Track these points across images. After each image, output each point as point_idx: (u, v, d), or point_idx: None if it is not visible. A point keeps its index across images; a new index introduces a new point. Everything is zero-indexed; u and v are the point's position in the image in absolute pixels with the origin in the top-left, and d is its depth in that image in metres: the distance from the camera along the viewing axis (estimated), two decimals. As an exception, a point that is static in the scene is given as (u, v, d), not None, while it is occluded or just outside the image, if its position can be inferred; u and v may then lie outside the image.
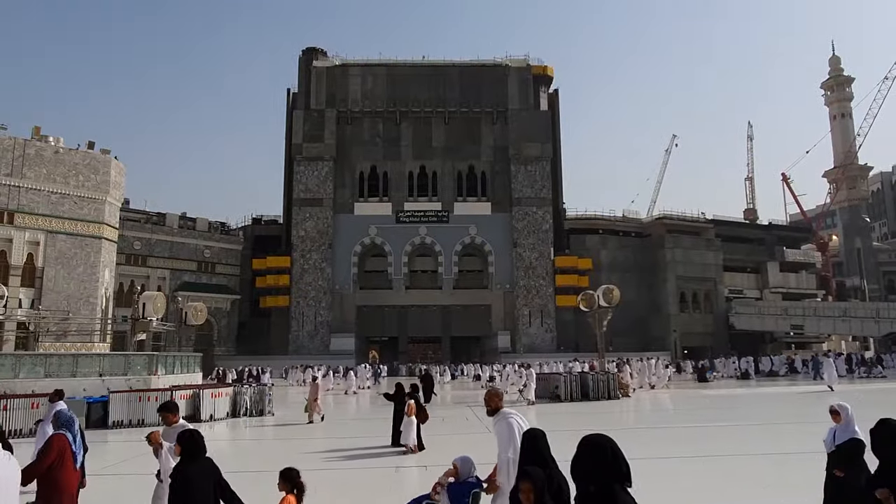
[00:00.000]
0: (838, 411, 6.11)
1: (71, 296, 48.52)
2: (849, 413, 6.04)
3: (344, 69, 73.51)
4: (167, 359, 24.24)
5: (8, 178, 46.54)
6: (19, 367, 20.55)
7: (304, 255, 68.85)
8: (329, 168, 70.49)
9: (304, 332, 67.85)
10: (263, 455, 15.06)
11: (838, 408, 6.13)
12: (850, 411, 6.05)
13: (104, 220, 51.58)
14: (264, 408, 22.81)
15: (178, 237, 66.05)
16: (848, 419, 5.99)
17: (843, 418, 6.01)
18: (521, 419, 5.49)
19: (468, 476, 5.73)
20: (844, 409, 6.07)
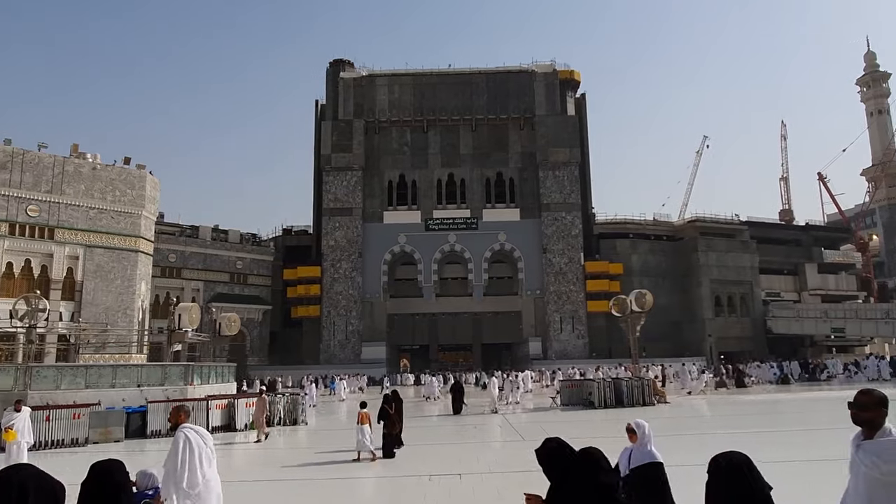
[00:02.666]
0: (634, 430, 5.41)
1: (109, 308, 49.62)
2: (646, 432, 5.38)
3: (371, 79, 74.16)
4: (202, 369, 24.57)
5: (48, 195, 47.90)
6: (61, 379, 21.01)
7: (335, 265, 69.39)
8: (358, 178, 71.05)
9: (335, 342, 68.28)
10: (279, 462, 15.11)
11: (634, 426, 5.44)
12: (646, 429, 5.38)
13: (140, 234, 52.71)
14: (297, 417, 22.94)
15: (211, 249, 67.16)
16: (643, 438, 5.32)
17: (639, 438, 5.33)
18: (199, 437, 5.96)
19: (146, 488, 5.83)
20: (641, 427, 5.39)
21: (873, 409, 3.63)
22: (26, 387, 19.43)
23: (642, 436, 5.25)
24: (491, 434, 19.62)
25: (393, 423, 14.65)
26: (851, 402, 3.73)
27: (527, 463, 12.57)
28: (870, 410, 3.64)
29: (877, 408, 3.62)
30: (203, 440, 6.02)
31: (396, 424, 14.74)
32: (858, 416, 3.69)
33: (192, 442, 5.92)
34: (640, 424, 5.37)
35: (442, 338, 73.46)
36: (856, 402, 3.72)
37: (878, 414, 3.62)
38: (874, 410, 3.63)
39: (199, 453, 5.88)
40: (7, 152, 46.56)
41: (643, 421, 5.42)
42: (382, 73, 74.71)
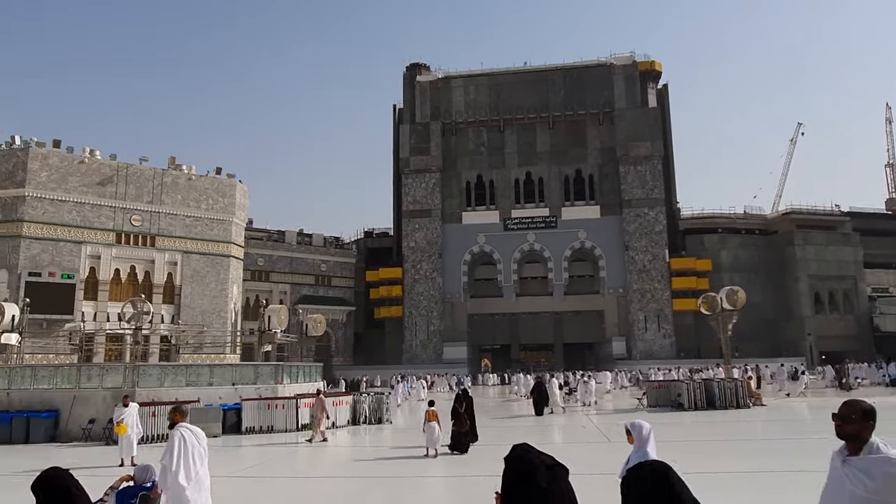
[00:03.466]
0: (630, 431, 5.12)
1: (205, 311, 52.40)
2: (643, 433, 5.05)
3: (447, 82, 74.72)
4: (291, 369, 25.47)
5: (149, 206, 51.16)
6: (164, 377, 22.36)
7: (415, 266, 70.35)
8: (436, 179, 71.73)
9: (417, 342, 69.21)
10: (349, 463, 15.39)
11: (630, 427, 5.15)
12: (645, 431, 5.08)
13: (231, 240, 55.36)
14: (382, 416, 23.40)
15: (297, 253, 69.61)
16: (642, 440, 5.00)
17: (636, 439, 5.02)
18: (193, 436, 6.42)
19: (144, 482, 6.18)
20: (638, 428, 5.10)
21: (858, 421, 3.41)
22: (134, 384, 20.79)
23: (638, 437, 5.01)
24: (574, 435, 19.32)
25: (461, 421, 14.95)
26: (835, 414, 3.49)
27: (610, 465, 12.31)
28: (854, 423, 3.42)
29: (861, 420, 3.40)
30: (197, 439, 6.42)
31: (465, 422, 14.99)
32: (842, 428, 3.46)
33: (187, 440, 6.32)
34: (636, 425, 5.13)
35: (523, 337, 73.02)
36: (839, 414, 3.49)
37: (863, 427, 3.39)
38: (858, 423, 3.41)
39: (192, 451, 6.28)
40: (112, 167, 50.07)
41: (642, 422, 5.17)
42: (458, 75, 75.11)
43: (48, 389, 21.28)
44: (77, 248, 47.72)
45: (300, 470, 15.03)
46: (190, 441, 6.34)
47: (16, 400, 20.71)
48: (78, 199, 48.09)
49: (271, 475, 13.65)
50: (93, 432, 19.40)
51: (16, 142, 47.44)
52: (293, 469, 14.97)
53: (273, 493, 11.94)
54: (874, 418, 3.41)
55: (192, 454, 6.29)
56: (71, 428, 19.77)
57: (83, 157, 48.99)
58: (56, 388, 21.26)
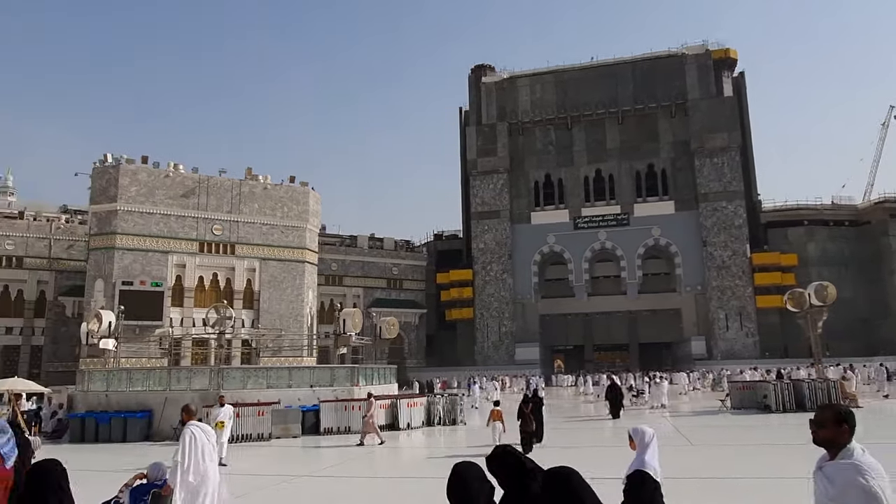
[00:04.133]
0: (632, 437, 4.96)
1: (282, 315, 54.16)
2: (645, 439, 4.85)
3: (512, 81, 74.37)
4: (366, 371, 25.98)
5: (229, 215, 53.39)
6: (247, 380, 23.27)
7: (485, 267, 70.32)
8: (504, 180, 71.50)
9: (489, 343, 69.14)
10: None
11: (632, 432, 4.98)
12: (647, 437, 4.86)
13: (306, 246, 57.01)
14: (456, 417, 23.49)
15: (369, 257, 70.91)
16: (642, 446, 4.82)
17: (637, 445, 4.87)
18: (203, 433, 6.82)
19: (156, 479, 6.39)
20: (640, 433, 4.91)
21: (831, 426, 3.33)
22: (219, 386, 21.72)
23: (640, 443, 4.88)
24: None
25: (526, 422, 15.36)
26: (811, 419, 3.42)
27: (694, 469, 11.86)
28: (827, 428, 3.34)
29: (835, 425, 3.31)
30: (206, 436, 6.77)
31: (530, 423, 15.39)
32: (817, 434, 3.39)
33: (197, 438, 6.67)
34: (637, 431, 4.99)
35: (597, 337, 71.70)
36: (814, 420, 3.41)
37: (838, 432, 3.31)
38: (832, 428, 3.33)
39: (202, 447, 6.64)
40: (195, 179, 52.59)
41: (645, 428, 5.02)
42: (524, 74, 74.62)
43: (142, 391, 22.55)
44: (164, 258, 50.36)
45: (377, 470, 15.29)
46: (200, 438, 6.70)
47: (114, 401, 22.06)
48: (164, 211, 50.74)
49: (349, 475, 13.94)
50: (181, 432, 20.38)
51: (108, 160, 50.55)
52: (371, 469, 15.25)
53: (351, 492, 12.19)
54: (850, 422, 3.32)
55: (203, 450, 6.65)
56: (163, 427, 20.85)
57: (168, 171, 51.67)
58: (149, 390, 22.50)
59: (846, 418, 3.34)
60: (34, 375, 45.83)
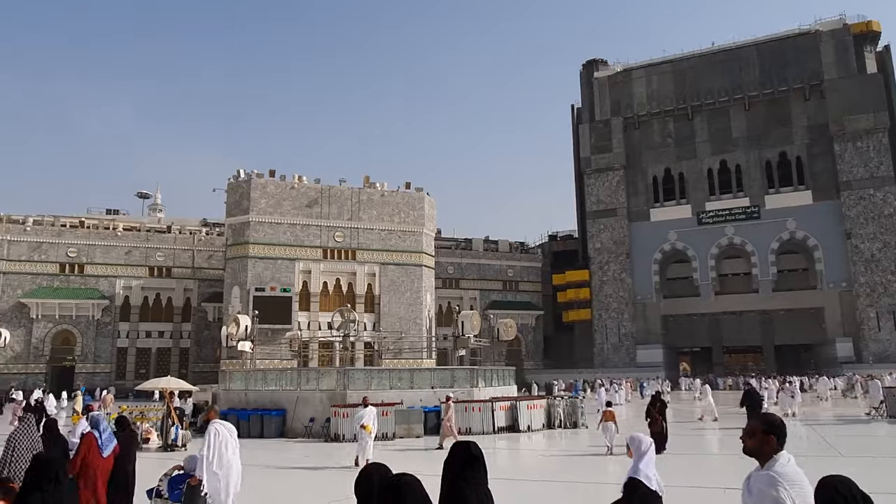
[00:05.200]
0: (629, 445, 5.06)
1: (402, 318, 55.68)
2: (641, 448, 4.92)
3: (626, 74, 71.97)
4: (485, 372, 26.09)
5: (349, 222, 55.74)
6: (370, 381, 24.11)
7: (602, 267, 68.49)
8: (620, 177, 69.34)
9: (608, 345, 67.23)
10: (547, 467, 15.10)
11: (629, 441, 5.09)
12: (644, 446, 4.95)
13: (423, 250, 58.30)
14: (577, 420, 23.02)
15: (484, 259, 71.27)
16: (638, 454, 4.89)
17: (633, 453, 4.95)
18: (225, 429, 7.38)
19: (192, 470, 7.33)
20: (636, 441, 5.00)
21: (759, 436, 3.36)
22: (345, 387, 22.68)
23: (636, 451, 4.95)
24: (795, 446, 17.35)
25: (655, 422, 15.66)
26: (743, 429, 3.46)
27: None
28: (755, 438, 3.38)
29: (762, 435, 3.34)
30: (228, 432, 7.40)
31: (659, 422, 15.68)
32: (745, 444, 3.42)
33: (220, 433, 7.30)
34: (634, 439, 5.08)
35: (726, 339, 67.52)
36: (744, 430, 3.45)
37: (764, 441, 3.34)
38: (759, 438, 3.36)
39: (224, 442, 7.25)
40: (317, 189, 55.40)
41: (642, 436, 5.10)
42: (638, 66, 71.98)
43: (276, 391, 24.02)
44: (291, 265, 53.40)
45: (496, 471, 15.28)
46: (222, 434, 7.32)
47: (252, 399, 23.67)
48: (290, 220, 53.85)
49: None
50: (313, 430, 21.48)
51: (241, 175, 54.48)
52: (491, 470, 15.25)
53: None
54: (777, 433, 3.33)
55: (225, 444, 7.28)
56: (295, 425, 22.06)
57: (293, 183, 54.80)
58: (282, 390, 23.92)
59: (774, 429, 3.36)
60: (182, 375, 50.13)
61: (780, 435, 3.36)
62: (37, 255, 56.65)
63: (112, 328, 58.28)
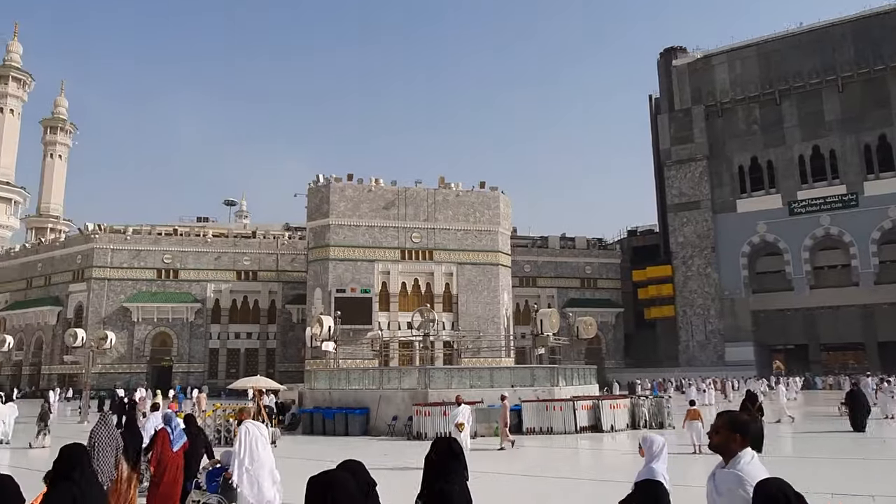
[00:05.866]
0: (641, 444, 5.02)
1: (480, 317, 55.72)
2: (654, 448, 4.87)
3: (707, 61, 69.13)
4: (566, 371, 25.71)
5: (425, 223, 56.32)
6: (451, 379, 24.26)
7: (686, 262, 66.11)
8: (703, 168, 66.71)
9: (693, 343, 64.81)
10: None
11: (642, 441, 5.04)
12: (656, 446, 4.89)
13: (499, 249, 58.14)
14: (664, 420, 22.32)
15: (561, 257, 70.26)
16: (651, 455, 4.85)
17: (645, 453, 4.91)
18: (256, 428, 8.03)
19: (227, 465, 8.04)
20: (649, 442, 4.94)
21: (724, 433, 3.40)
22: (426, 386, 22.92)
23: (648, 451, 4.89)
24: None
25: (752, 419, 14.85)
26: (711, 425, 3.50)
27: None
28: (720, 434, 3.42)
29: (727, 432, 3.37)
30: (259, 431, 8.03)
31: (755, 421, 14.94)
32: (711, 440, 3.46)
33: (251, 431, 7.89)
34: (647, 439, 5.01)
35: (823, 335, 63.54)
36: (712, 426, 3.48)
37: (729, 439, 3.38)
38: (724, 434, 3.40)
39: (255, 440, 7.84)
40: (393, 191, 56.31)
41: (654, 436, 5.02)
42: (720, 51, 68.97)
43: (359, 390, 24.57)
44: (371, 266, 54.51)
45: (579, 470, 15.02)
46: (254, 433, 7.93)
47: (336, 398, 24.32)
48: (368, 223, 55.00)
49: (551, 475, 13.86)
50: (396, 428, 21.83)
51: (320, 180, 56.12)
52: (574, 470, 15.03)
53: (551, 491, 12.09)
54: (742, 431, 3.37)
55: (256, 442, 7.86)
56: (378, 424, 22.49)
57: (370, 186, 55.94)
58: (365, 389, 24.44)
59: (739, 427, 3.39)
60: (269, 375, 52.13)
61: (745, 433, 3.40)
62: (136, 262, 60.51)
63: (204, 330, 61.43)
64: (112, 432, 8.14)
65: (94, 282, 59.30)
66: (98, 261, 59.60)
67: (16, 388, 51.49)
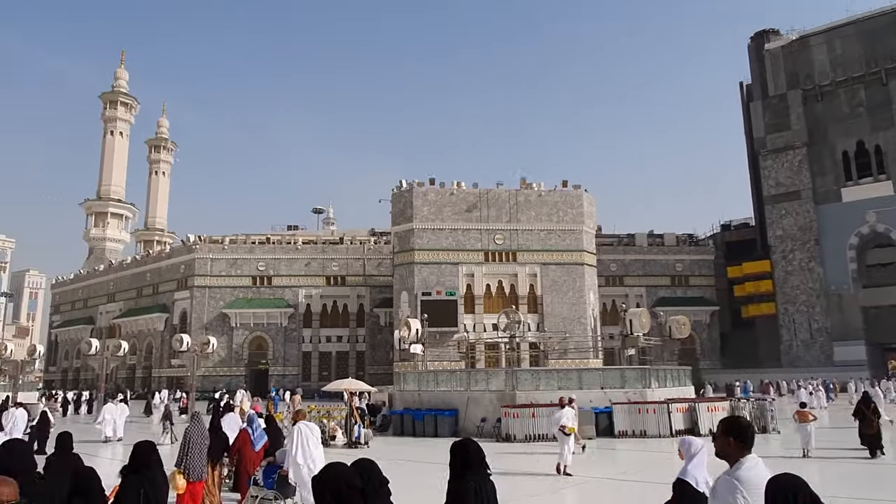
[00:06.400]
0: (680, 447, 5.03)
1: (565, 318, 54.87)
2: (692, 450, 4.80)
3: (803, 42, 65.08)
4: (658, 372, 24.83)
5: (508, 224, 56.09)
6: (538, 381, 23.98)
7: (786, 257, 62.43)
8: (802, 156, 62.80)
9: (797, 342, 61.04)
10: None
11: (681, 443, 5.07)
12: (694, 448, 4.80)
13: (583, 248, 57.05)
14: (767, 424, 21.14)
15: (649, 255, 68.07)
16: (688, 456, 4.78)
17: (686, 455, 4.84)
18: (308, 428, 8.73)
19: (282, 463, 8.66)
20: (687, 444, 4.92)
21: (721, 437, 3.41)
22: (514, 388, 22.78)
23: (686, 453, 4.90)
24: None
25: (868, 422, 14.87)
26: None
27: None
28: (718, 440, 3.44)
29: (723, 436, 3.38)
30: (311, 431, 8.72)
31: (873, 424, 14.80)
32: (714, 445, 3.49)
33: (303, 432, 8.56)
34: (685, 442, 5.02)
35: (947, 333, 58.33)
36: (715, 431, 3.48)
37: (726, 443, 3.37)
38: (721, 440, 3.41)
39: (307, 439, 8.49)
40: (475, 194, 56.43)
41: (693, 439, 5.02)
42: (817, 31, 64.78)
43: (447, 391, 24.73)
44: (455, 269, 54.86)
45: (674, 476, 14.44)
46: (305, 433, 8.57)
47: (425, 399, 24.60)
48: (451, 226, 55.40)
49: (648, 480, 13.42)
50: (484, 430, 21.81)
51: (403, 185, 57.10)
52: (672, 475, 14.46)
53: (648, 497, 11.68)
54: (737, 435, 3.37)
55: (308, 441, 8.47)
56: (467, 425, 22.56)
57: (452, 189, 56.34)
58: (453, 391, 24.58)
59: (735, 432, 3.39)
60: (359, 377, 53.43)
61: (740, 436, 3.38)
62: (233, 270, 63.78)
63: (297, 334, 63.86)
64: (203, 432, 8.81)
65: (195, 290, 63.00)
66: (199, 270, 63.29)
67: (128, 390, 55.40)
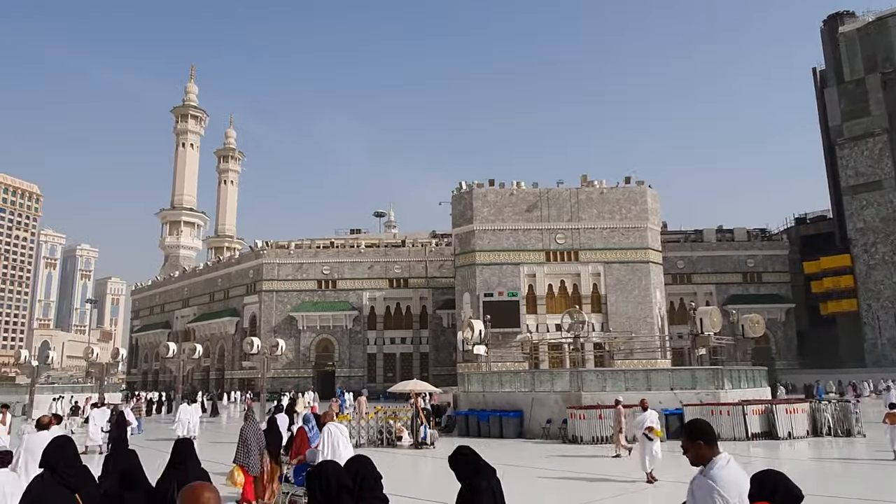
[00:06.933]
0: None
1: (631, 317, 53.65)
2: None
3: (881, 24, 61.56)
4: (731, 373, 23.89)
5: (569, 223, 55.34)
6: (604, 382, 23.49)
7: (868, 250, 59.16)
8: (883, 143, 59.46)
9: (882, 340, 57.72)
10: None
11: None
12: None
13: (648, 246, 55.64)
14: (851, 427, 20.02)
15: (718, 251, 65.76)
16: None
17: None
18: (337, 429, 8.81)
19: (313, 462, 8.35)
20: None
21: (689, 446, 3.49)
22: (579, 388, 22.41)
23: None
24: None
25: None
26: None
27: None
28: (689, 450, 3.51)
29: (688, 441, 3.47)
30: (340, 431, 8.89)
31: None
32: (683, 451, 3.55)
33: (333, 432, 8.72)
34: None
35: None
36: None
37: (690, 445, 3.48)
38: (687, 444, 3.50)
39: (336, 440, 8.63)
40: (535, 194, 55.94)
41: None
42: (895, 12, 61.12)
43: (511, 392, 24.57)
44: (516, 269, 54.53)
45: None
46: (335, 433, 8.77)
47: (489, 401, 24.52)
48: (512, 226, 55.09)
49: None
50: (550, 431, 21.55)
51: (462, 187, 57.20)
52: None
53: None
54: (703, 437, 3.43)
55: (337, 442, 8.63)
56: (532, 426, 22.34)
57: (512, 189, 56.03)
58: (517, 392, 24.39)
59: (700, 435, 3.45)
60: (423, 378, 53.64)
61: (706, 438, 3.44)
62: (299, 274, 65.48)
63: (362, 336, 64.93)
64: (257, 431, 9.41)
65: (264, 294, 65.00)
66: (267, 274, 65.28)
67: (202, 392, 57.64)
